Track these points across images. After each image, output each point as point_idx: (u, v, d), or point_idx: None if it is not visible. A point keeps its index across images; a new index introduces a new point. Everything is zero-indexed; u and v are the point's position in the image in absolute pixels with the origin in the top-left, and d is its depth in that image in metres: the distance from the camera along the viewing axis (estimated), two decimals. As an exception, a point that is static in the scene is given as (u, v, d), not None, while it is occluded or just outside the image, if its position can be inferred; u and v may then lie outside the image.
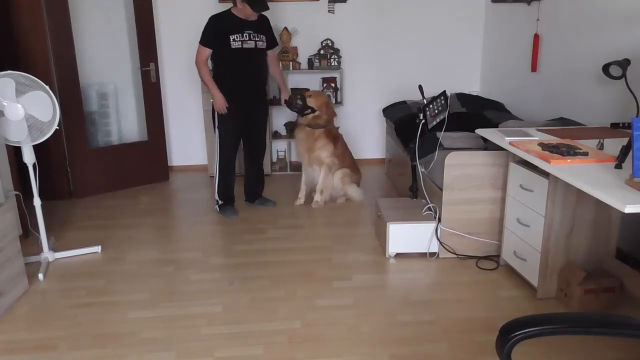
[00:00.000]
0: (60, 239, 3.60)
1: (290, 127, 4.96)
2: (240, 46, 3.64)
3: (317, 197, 4.16)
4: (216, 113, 3.78)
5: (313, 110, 4.03)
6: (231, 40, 3.61)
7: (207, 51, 3.68)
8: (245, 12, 3.61)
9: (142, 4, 4.49)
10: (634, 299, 2.66)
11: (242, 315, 2.63)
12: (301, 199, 4.24)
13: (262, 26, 3.76)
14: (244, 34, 3.64)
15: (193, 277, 3.05)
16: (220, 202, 4.01)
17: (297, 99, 4.05)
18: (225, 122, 3.80)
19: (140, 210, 4.18)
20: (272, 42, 3.89)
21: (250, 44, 3.67)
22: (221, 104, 3.71)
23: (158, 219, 4.00)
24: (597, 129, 2.97)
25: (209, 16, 3.71)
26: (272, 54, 3.93)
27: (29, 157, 3.07)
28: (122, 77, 4.70)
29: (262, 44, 3.74)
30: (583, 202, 2.61)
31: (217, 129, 3.84)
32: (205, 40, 3.67)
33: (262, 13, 3.71)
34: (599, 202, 2.48)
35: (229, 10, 3.72)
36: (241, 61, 3.69)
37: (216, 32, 3.62)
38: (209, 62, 3.80)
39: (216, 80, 3.73)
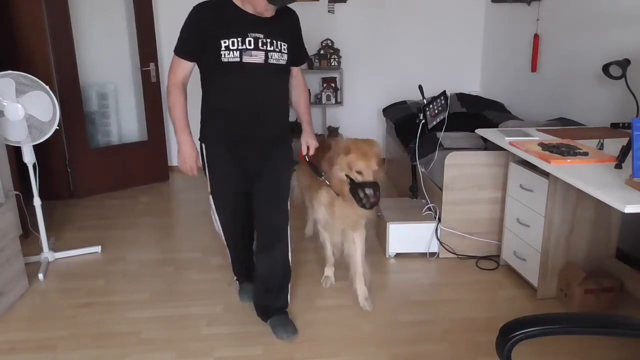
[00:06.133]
0: (60, 239, 3.60)
1: (291, 127, 4.95)
2: (237, 59, 2.15)
3: (362, 289, 2.74)
4: (205, 167, 2.43)
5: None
6: (222, 47, 2.14)
7: (185, 66, 2.24)
8: (255, 1, 2.14)
9: (142, 4, 4.48)
10: (634, 299, 2.66)
11: (242, 315, 2.62)
12: (330, 278, 2.96)
13: (285, 28, 2.29)
14: (247, 39, 2.16)
15: (193, 277, 3.05)
16: (235, 278, 2.85)
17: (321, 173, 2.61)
18: (218, 186, 2.44)
19: (140, 210, 4.17)
20: (299, 55, 2.42)
21: (257, 57, 2.18)
22: (190, 163, 2.34)
23: (158, 219, 4.00)
24: (597, 129, 2.97)
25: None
26: (298, 74, 2.49)
27: (29, 157, 3.07)
28: (122, 77, 4.69)
29: (279, 57, 2.24)
30: (583, 202, 2.61)
31: (210, 194, 2.51)
32: (181, 47, 2.23)
33: (289, 6, 2.28)
34: (599, 202, 2.48)
35: None
36: (240, 86, 2.22)
37: (198, 31, 2.17)
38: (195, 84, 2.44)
39: (202, 119, 2.38)
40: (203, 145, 2.39)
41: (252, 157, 2.36)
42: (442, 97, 3.29)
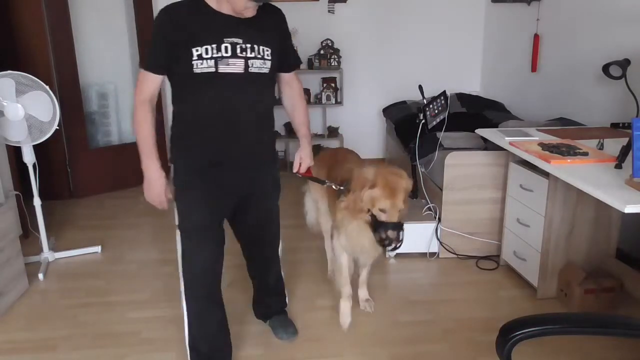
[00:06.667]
0: (60, 239, 3.60)
1: (290, 127, 4.95)
2: (212, 69, 1.84)
3: (363, 292, 2.73)
4: (174, 193, 2.09)
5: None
6: (194, 56, 1.83)
7: (153, 81, 1.93)
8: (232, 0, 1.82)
9: (142, 4, 4.48)
10: (634, 299, 2.66)
11: (242, 315, 2.62)
12: (347, 315, 2.51)
13: (268, 30, 1.96)
14: (223, 45, 1.84)
15: (193, 277, 3.05)
16: None
17: (337, 186, 2.32)
18: (189, 216, 2.07)
19: (140, 210, 4.17)
20: (288, 59, 2.13)
21: (236, 66, 1.87)
22: (158, 194, 2.05)
23: (158, 219, 4.00)
24: (597, 129, 2.97)
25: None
26: (292, 81, 2.21)
27: (29, 157, 3.07)
28: (122, 77, 4.69)
29: (261, 65, 1.92)
30: (583, 202, 2.61)
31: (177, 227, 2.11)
32: (148, 60, 1.92)
33: (272, 4, 1.99)
34: (599, 202, 2.48)
35: None
36: (216, 100, 1.91)
37: (166, 39, 1.85)
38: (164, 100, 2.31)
39: (173, 138, 2.08)
40: (172, 167, 2.08)
41: (232, 182, 2.04)
42: (442, 97, 3.29)
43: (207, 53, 1.83)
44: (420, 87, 3.38)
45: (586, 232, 2.69)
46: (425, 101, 3.29)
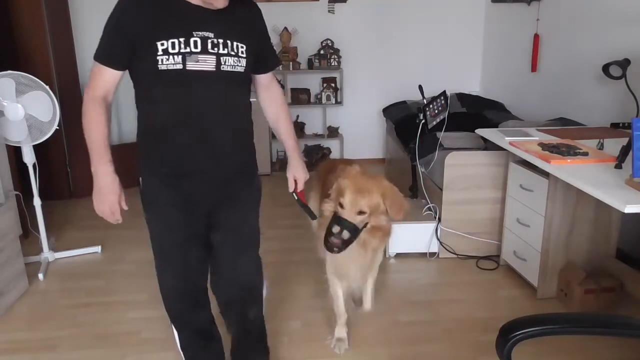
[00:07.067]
0: (60, 239, 3.60)
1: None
2: (179, 66, 1.62)
3: (368, 301, 2.50)
4: (144, 209, 1.92)
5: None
6: (159, 51, 1.60)
7: (108, 76, 1.71)
8: None
9: (142, 4, 4.48)
10: (634, 299, 2.66)
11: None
12: (344, 341, 2.37)
13: (243, 25, 1.75)
14: (193, 39, 1.62)
15: (193, 277, 3.05)
16: None
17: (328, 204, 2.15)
18: (161, 234, 1.90)
19: (140, 210, 4.16)
20: (266, 58, 1.88)
21: (206, 63, 1.65)
22: (110, 204, 1.79)
23: (158, 219, 4.00)
24: (597, 129, 2.97)
25: None
26: (271, 84, 1.96)
27: (29, 157, 3.07)
28: (122, 77, 4.69)
29: (235, 63, 1.70)
30: (583, 202, 2.61)
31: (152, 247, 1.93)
32: (103, 50, 1.68)
33: None
34: (599, 202, 2.48)
35: None
36: (184, 101, 1.68)
37: (125, 30, 1.64)
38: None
39: (138, 146, 1.87)
40: (140, 179, 1.90)
41: (205, 196, 1.80)
42: (442, 97, 3.29)
43: (173, 48, 1.60)
44: (420, 87, 3.38)
45: (586, 232, 2.69)
46: (425, 101, 3.29)
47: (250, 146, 1.90)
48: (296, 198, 2.04)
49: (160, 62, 1.61)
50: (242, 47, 1.71)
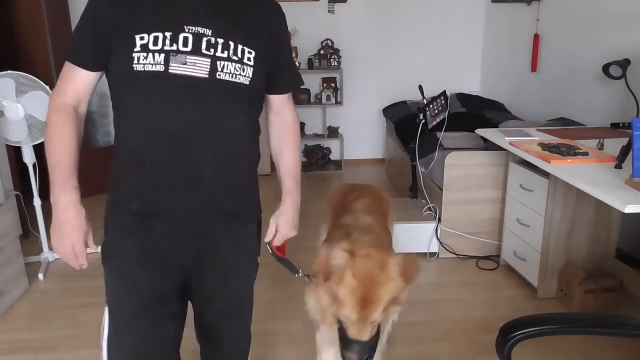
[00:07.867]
0: (60, 239, 3.59)
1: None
2: (160, 67, 1.20)
3: None
4: (104, 252, 1.36)
5: None
6: (136, 47, 1.20)
7: (79, 78, 1.31)
8: None
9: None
10: (634, 299, 2.66)
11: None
12: None
13: (257, 25, 1.33)
14: (182, 35, 1.22)
15: (193, 277, 3.04)
16: None
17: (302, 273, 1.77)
18: (118, 290, 1.35)
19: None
20: (285, 75, 1.46)
21: (197, 66, 1.22)
22: (72, 243, 1.29)
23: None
24: (597, 129, 2.97)
25: None
26: (285, 107, 1.51)
27: (29, 157, 3.07)
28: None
29: (237, 71, 1.26)
30: (583, 202, 2.61)
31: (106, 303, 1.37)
32: (73, 48, 1.30)
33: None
34: (599, 202, 2.48)
35: None
36: (163, 115, 1.24)
37: (98, 21, 1.25)
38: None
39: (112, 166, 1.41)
40: (104, 221, 1.42)
41: (179, 245, 1.33)
42: (442, 97, 3.29)
43: (155, 43, 1.20)
44: (420, 87, 3.38)
45: (586, 232, 2.69)
46: (425, 101, 3.29)
47: (250, 188, 1.44)
48: (270, 252, 1.54)
49: (135, 61, 1.20)
50: (249, 52, 1.27)
